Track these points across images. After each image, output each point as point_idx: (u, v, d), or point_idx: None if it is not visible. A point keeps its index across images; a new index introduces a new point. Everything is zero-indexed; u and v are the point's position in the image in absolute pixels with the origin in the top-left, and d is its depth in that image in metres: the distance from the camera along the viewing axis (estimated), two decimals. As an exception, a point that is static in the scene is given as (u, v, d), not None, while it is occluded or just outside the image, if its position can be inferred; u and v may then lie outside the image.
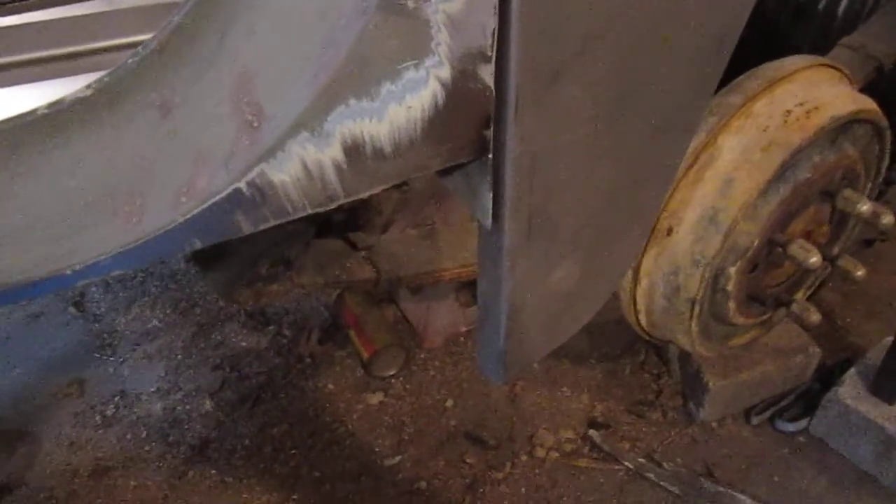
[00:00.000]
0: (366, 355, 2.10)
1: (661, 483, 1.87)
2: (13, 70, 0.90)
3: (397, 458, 1.96)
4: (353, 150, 0.61)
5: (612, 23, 0.69)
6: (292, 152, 0.59)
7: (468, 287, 2.17)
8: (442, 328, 2.19)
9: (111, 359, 2.26)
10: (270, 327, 2.31)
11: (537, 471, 1.92)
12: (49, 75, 0.90)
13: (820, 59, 1.43)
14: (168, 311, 2.40)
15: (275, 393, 2.13)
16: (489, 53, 0.62)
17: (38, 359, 2.28)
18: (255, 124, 0.58)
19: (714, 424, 2.00)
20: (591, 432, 1.98)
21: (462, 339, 2.24)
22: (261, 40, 0.57)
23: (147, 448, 2.01)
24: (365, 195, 0.65)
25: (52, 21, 0.97)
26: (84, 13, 0.98)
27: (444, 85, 0.62)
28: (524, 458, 1.95)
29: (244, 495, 1.90)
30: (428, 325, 2.18)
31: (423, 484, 1.90)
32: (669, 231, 1.37)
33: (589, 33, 0.68)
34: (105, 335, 2.34)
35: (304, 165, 0.60)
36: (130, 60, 0.57)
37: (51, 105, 0.56)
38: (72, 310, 2.43)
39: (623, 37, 0.71)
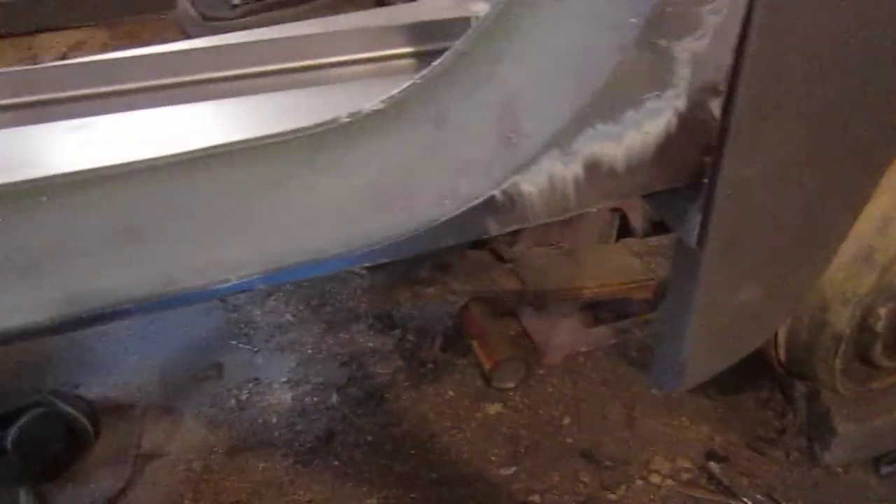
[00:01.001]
0: (487, 366, 2.17)
1: (781, 522, 1.84)
2: (248, 80, 1.04)
3: (512, 469, 2.01)
4: (592, 168, 0.69)
5: (829, 66, 0.74)
6: (542, 167, 0.68)
7: (592, 308, 2.21)
8: (563, 346, 2.24)
9: (247, 347, 2.43)
10: (396, 331, 2.42)
11: (652, 496, 1.93)
12: (278, 87, 1.03)
13: None
14: (300, 308, 2.55)
15: (398, 394, 2.23)
16: (721, 88, 0.69)
17: (182, 342, 2.47)
18: (514, 140, 0.67)
19: (839, 469, 1.95)
20: (710, 464, 1.97)
21: (581, 358, 2.28)
22: (528, 68, 0.66)
23: (276, 434, 2.15)
24: (593, 209, 0.72)
25: (279, 39, 1.11)
26: (306, 33, 1.11)
27: (678, 114, 0.69)
28: (639, 482, 1.96)
29: (364, 489, 1.99)
30: (550, 342, 2.23)
31: (537, 497, 1.94)
32: (820, 267, 1.38)
33: (808, 75, 0.73)
34: (242, 325, 2.51)
35: (550, 179, 0.68)
36: (418, 80, 0.67)
37: (351, 114, 0.67)
38: (213, 299, 2.63)
39: (836, 79, 0.75)
